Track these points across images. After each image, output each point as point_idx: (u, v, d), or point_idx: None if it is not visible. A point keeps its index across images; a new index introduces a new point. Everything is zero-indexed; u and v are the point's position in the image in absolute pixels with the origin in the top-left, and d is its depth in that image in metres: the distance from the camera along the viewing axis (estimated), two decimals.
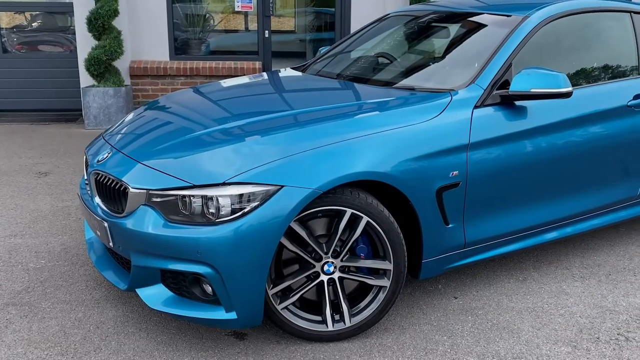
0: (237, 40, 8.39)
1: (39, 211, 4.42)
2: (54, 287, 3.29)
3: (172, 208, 2.58)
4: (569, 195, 3.35)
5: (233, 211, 2.49)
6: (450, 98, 3.00)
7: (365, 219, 2.68)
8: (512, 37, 3.25)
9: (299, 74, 3.99)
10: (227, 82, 3.95)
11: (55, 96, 8.09)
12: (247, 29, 8.38)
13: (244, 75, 7.74)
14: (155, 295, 2.73)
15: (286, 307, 2.74)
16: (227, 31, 8.40)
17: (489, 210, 3.07)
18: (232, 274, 2.50)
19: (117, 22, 7.25)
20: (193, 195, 2.54)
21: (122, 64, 7.47)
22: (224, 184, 2.52)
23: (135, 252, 2.67)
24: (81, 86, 7.50)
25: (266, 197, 2.50)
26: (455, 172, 2.89)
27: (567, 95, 3.01)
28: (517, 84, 3.02)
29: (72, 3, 7.51)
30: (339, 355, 2.70)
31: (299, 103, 3.28)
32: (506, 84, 3.11)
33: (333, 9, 8.22)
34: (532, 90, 3.00)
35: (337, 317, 2.79)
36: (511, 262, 3.60)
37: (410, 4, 7.78)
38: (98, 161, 2.99)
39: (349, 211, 2.66)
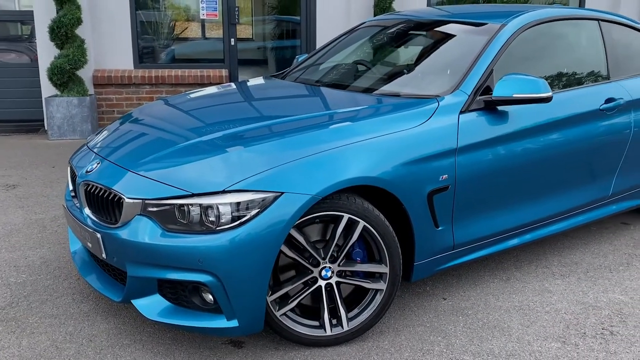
0: (203, 48, 8.36)
1: (12, 224, 4.30)
2: (39, 302, 3.22)
3: (169, 217, 2.57)
4: (549, 196, 3.47)
5: (233, 219, 2.50)
6: (437, 104, 3.07)
7: (362, 223, 2.72)
8: (492, 44, 3.36)
9: (283, 81, 4.02)
10: (211, 90, 3.95)
11: (14, 106, 7.88)
12: (211, 37, 8.34)
13: (211, 83, 7.74)
14: (151, 305, 2.70)
15: (284, 314, 2.75)
16: (192, 39, 8.36)
17: (475, 212, 3.16)
18: (234, 281, 2.51)
19: (80, 31, 7.13)
20: (191, 204, 2.53)
21: (85, 73, 7.34)
22: (224, 191, 2.52)
23: (132, 262, 2.64)
24: (43, 96, 7.34)
25: (266, 204, 2.51)
26: (445, 176, 2.96)
27: (548, 99, 3.13)
28: (500, 90, 3.12)
29: (32, 12, 7.34)
30: (338, 359, 2.73)
31: (289, 110, 3.31)
32: (488, 90, 3.21)
33: (298, 18, 8.27)
34: (514, 95, 3.11)
35: (334, 321, 2.82)
36: (493, 263, 3.71)
37: (374, 14, 7.91)
38: (87, 171, 2.94)
39: (346, 216, 2.70)
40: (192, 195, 2.54)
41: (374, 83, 3.62)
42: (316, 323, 2.82)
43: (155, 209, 2.59)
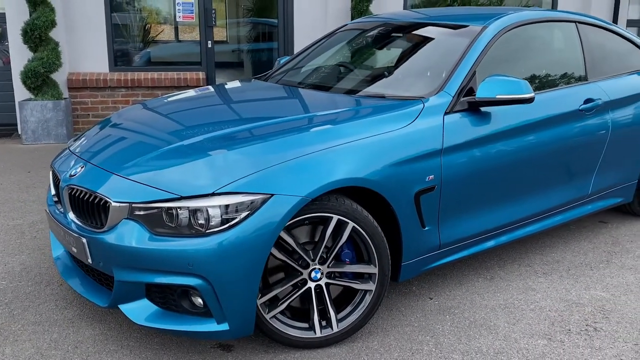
0: (179, 50, 8.30)
1: None
2: (21, 309, 3.16)
3: (157, 221, 2.54)
4: (531, 195, 3.52)
5: (223, 221, 2.48)
6: (422, 105, 3.10)
7: (351, 224, 2.73)
8: (474, 46, 3.39)
9: (267, 83, 4.01)
10: (194, 92, 3.92)
11: None
12: (188, 39, 8.29)
13: (188, 86, 7.69)
14: (139, 310, 2.67)
15: (274, 316, 2.74)
16: (168, 42, 8.28)
17: (461, 212, 3.19)
18: (225, 284, 2.49)
19: (54, 33, 7.02)
20: (180, 207, 2.51)
21: (59, 77, 7.22)
22: (213, 194, 2.51)
23: (119, 267, 2.61)
24: (17, 100, 7.21)
25: (257, 206, 2.50)
26: (432, 177, 2.99)
27: (530, 100, 3.17)
28: (483, 91, 3.16)
29: (4, 14, 7.20)
30: None
31: (276, 112, 3.30)
32: (471, 91, 3.24)
33: (275, 20, 8.26)
34: (497, 96, 3.14)
35: (323, 323, 2.82)
36: (477, 262, 3.74)
37: (352, 17, 7.95)
38: (71, 175, 2.90)
39: (335, 217, 2.70)
40: (181, 199, 2.52)
41: (358, 85, 3.64)
42: (306, 325, 2.81)
43: (142, 213, 2.56)
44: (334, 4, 8.01)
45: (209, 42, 7.98)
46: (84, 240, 2.71)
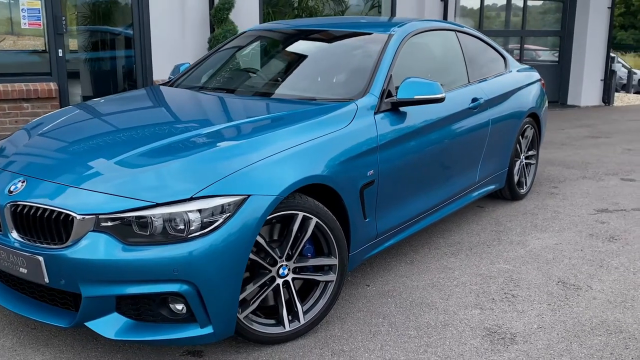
0: (27, 60, 7.69)
1: None
2: None
3: (128, 230, 2.49)
4: (440, 184, 3.94)
5: (204, 225, 2.50)
6: (356, 106, 3.34)
7: (314, 220, 2.88)
8: (386, 51, 3.72)
9: (198, 92, 3.92)
10: (126, 95, 3.78)
11: None
12: (36, 48, 7.71)
13: (39, 98, 7.20)
14: (109, 324, 2.59)
15: (246, 315, 2.80)
16: (15, 51, 7.64)
17: (392, 203, 3.48)
18: (211, 288, 2.51)
19: None
20: (154, 215, 2.48)
21: None
22: (192, 198, 2.51)
23: (87, 282, 2.51)
24: None
25: (235, 208, 2.56)
26: (372, 171, 3.24)
27: (442, 100, 3.56)
28: (403, 92, 3.48)
29: None
30: (301, 352, 2.85)
31: (227, 116, 3.33)
32: (389, 93, 3.55)
33: (130, 31, 8.01)
34: (415, 97, 3.48)
35: (290, 316, 2.93)
36: (394, 250, 4.07)
37: (211, 25, 8.00)
38: (10, 192, 2.70)
39: (300, 214, 2.83)
40: (157, 206, 2.49)
41: (288, 89, 3.76)
42: (273, 321, 2.90)
43: (110, 224, 2.49)
44: (192, 12, 8.00)
45: (60, 50, 7.51)
46: (40, 258, 2.55)
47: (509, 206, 5.10)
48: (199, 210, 2.50)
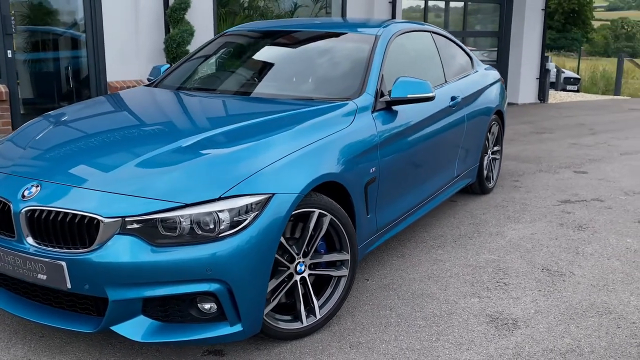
0: None
1: None
2: None
3: (154, 232, 2.49)
4: (427, 179, 4.10)
5: (233, 224, 2.53)
6: (356, 105, 3.43)
7: (329, 216, 2.95)
8: (376, 51, 3.83)
9: (197, 92, 3.91)
10: (123, 96, 3.71)
11: None
12: None
13: None
14: (135, 327, 2.58)
15: (267, 312, 2.83)
16: None
17: (389, 198, 3.59)
18: (242, 285, 2.55)
19: None
20: (182, 215, 2.49)
21: None
22: (220, 198, 2.54)
23: (114, 286, 2.49)
24: None
25: (261, 207, 2.60)
26: (374, 169, 3.34)
27: (433, 98, 3.70)
28: (397, 91, 3.60)
29: None
30: (320, 346, 2.92)
31: (238, 118, 3.33)
32: (381, 92, 3.66)
33: (81, 34, 7.79)
34: (408, 96, 3.61)
35: (306, 312, 2.99)
36: (383, 245, 4.18)
37: (165, 25, 7.89)
38: (24, 197, 2.63)
39: (317, 211, 2.89)
40: (186, 206, 2.50)
41: (282, 89, 3.79)
42: (289, 317, 2.95)
43: (136, 226, 2.48)
44: (146, 12, 7.86)
45: (9, 51, 7.23)
46: (63, 263, 2.51)
47: (479, 200, 5.32)
48: (229, 210, 2.52)
